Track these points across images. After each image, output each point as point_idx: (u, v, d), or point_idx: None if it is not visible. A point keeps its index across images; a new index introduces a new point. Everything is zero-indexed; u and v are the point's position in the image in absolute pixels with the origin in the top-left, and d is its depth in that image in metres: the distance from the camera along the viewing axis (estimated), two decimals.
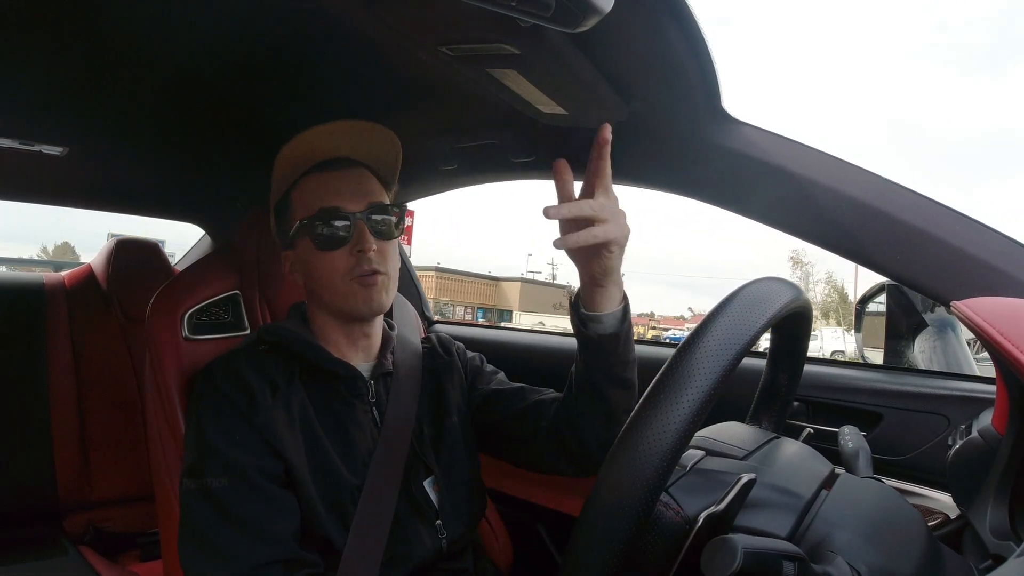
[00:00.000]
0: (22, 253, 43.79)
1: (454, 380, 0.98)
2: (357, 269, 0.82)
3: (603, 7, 0.56)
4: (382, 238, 0.85)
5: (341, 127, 0.86)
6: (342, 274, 0.83)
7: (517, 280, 38.35)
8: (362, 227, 0.83)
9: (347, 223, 0.83)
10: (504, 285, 37.88)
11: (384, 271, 0.84)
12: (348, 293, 0.84)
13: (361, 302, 0.84)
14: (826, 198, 0.82)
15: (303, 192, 0.87)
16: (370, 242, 0.82)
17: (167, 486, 0.91)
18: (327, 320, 0.88)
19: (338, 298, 0.85)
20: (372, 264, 0.82)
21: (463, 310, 32.04)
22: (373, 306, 0.84)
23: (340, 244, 0.83)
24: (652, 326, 40.90)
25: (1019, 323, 0.55)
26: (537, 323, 26.89)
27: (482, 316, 33.98)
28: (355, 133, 0.87)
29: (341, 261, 0.83)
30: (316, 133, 0.85)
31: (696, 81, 0.83)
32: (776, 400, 0.81)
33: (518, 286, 37.61)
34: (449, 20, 0.71)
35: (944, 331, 1.41)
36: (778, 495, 0.58)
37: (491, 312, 35.20)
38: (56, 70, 1.00)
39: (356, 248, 0.82)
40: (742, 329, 0.50)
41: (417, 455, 0.88)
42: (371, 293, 0.83)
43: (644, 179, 1.05)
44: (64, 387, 1.59)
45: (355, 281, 0.83)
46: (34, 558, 1.42)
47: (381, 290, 0.84)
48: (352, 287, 0.83)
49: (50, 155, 1.36)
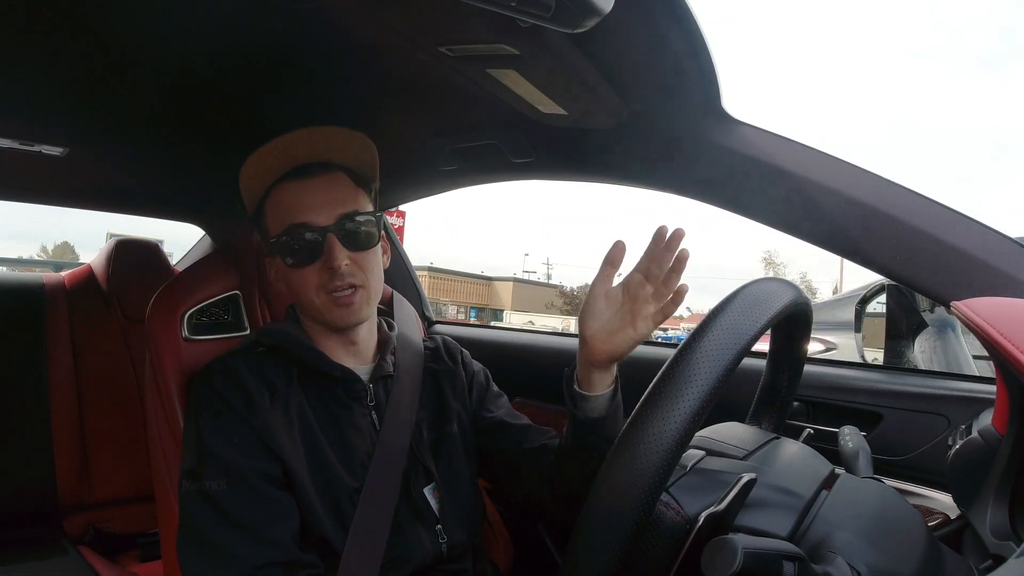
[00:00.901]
0: (22, 252, 43.79)
1: (456, 388, 0.98)
2: (330, 284, 0.81)
3: (603, 7, 0.56)
4: (357, 248, 0.83)
5: (303, 135, 0.83)
6: (314, 289, 0.82)
7: (510, 280, 38.46)
8: (332, 241, 0.80)
9: (317, 238, 0.81)
10: (497, 285, 37.99)
11: (361, 283, 0.83)
12: (323, 307, 0.83)
13: (337, 317, 0.83)
14: (826, 198, 0.82)
15: (273, 204, 0.85)
16: (340, 257, 0.80)
17: (167, 487, 0.91)
18: (314, 326, 0.88)
19: (315, 311, 0.84)
20: (345, 279, 0.81)
21: (455, 309, 32.12)
22: (350, 320, 0.84)
23: (311, 260, 0.81)
24: None
25: (1019, 323, 0.55)
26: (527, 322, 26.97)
27: (475, 315, 34.03)
28: (318, 137, 0.85)
29: (313, 277, 0.82)
30: (279, 144, 0.83)
31: (696, 81, 0.83)
32: (776, 400, 0.81)
33: (511, 286, 37.72)
34: (449, 20, 0.71)
35: (944, 331, 1.41)
36: (778, 495, 0.58)
37: (484, 311, 35.27)
38: (56, 70, 1.00)
39: (327, 265, 0.81)
40: (742, 330, 0.50)
41: (417, 459, 0.88)
42: (347, 311, 0.83)
43: (644, 179, 1.05)
44: (64, 387, 1.58)
45: (329, 297, 0.82)
46: (34, 558, 1.41)
47: (360, 306, 0.83)
48: (326, 302, 0.82)
49: (50, 155, 1.36)
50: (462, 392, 0.98)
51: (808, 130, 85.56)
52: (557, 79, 0.84)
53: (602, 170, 1.10)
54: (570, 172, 1.17)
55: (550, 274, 45.19)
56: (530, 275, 44.29)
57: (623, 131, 0.99)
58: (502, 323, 25.74)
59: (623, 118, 0.95)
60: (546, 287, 40.48)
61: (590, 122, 0.99)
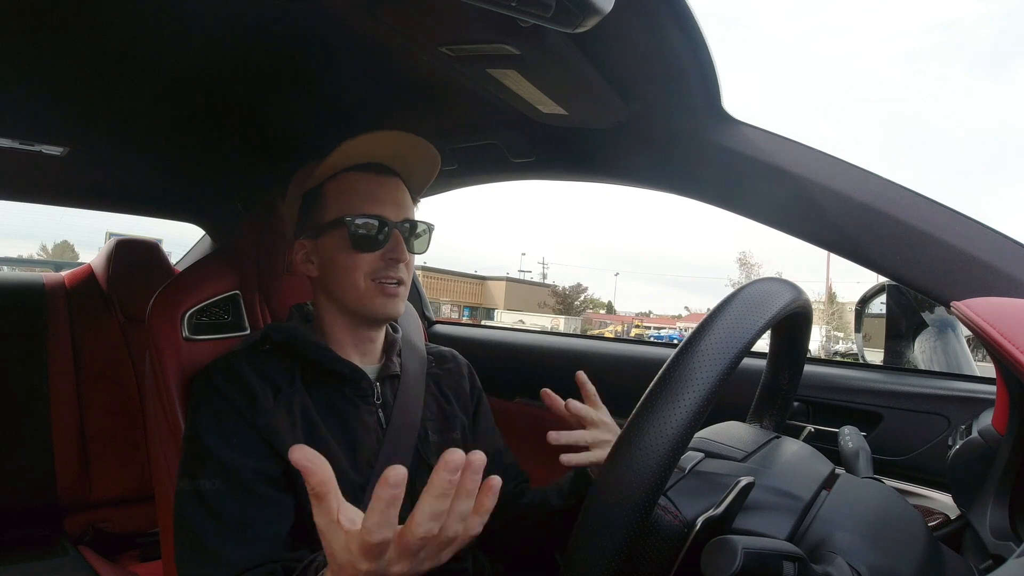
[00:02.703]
0: (22, 251, 43.80)
1: (460, 399, 1.00)
2: (382, 273, 0.85)
3: (603, 7, 0.56)
4: (411, 251, 0.88)
5: (391, 136, 0.87)
6: (366, 273, 0.85)
7: (503, 279, 38.53)
8: (398, 237, 0.85)
9: (387, 230, 0.85)
10: (490, 284, 38.07)
11: (405, 281, 0.88)
12: (368, 294, 0.85)
13: (379, 306, 0.85)
14: (826, 198, 0.82)
15: (343, 187, 0.87)
16: (404, 253, 0.85)
17: (167, 486, 0.91)
18: (336, 319, 0.89)
19: (356, 297, 0.85)
20: (399, 273, 0.85)
21: (449, 308, 32.20)
22: (389, 311, 0.86)
23: (375, 248, 0.85)
24: (636, 324, 40.63)
25: (1019, 323, 0.55)
26: (517, 321, 27.03)
27: (468, 314, 34.10)
28: (406, 144, 0.88)
29: (369, 262, 0.85)
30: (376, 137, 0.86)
31: (696, 81, 0.83)
32: (776, 400, 0.81)
33: (504, 285, 37.79)
34: (449, 20, 0.71)
35: (944, 331, 1.40)
36: (777, 497, 0.58)
37: (477, 311, 35.32)
38: (56, 70, 1.00)
39: (389, 255, 0.85)
40: (742, 330, 0.50)
41: (423, 459, 0.88)
42: (391, 300, 0.86)
43: (644, 179, 1.05)
44: (64, 387, 1.59)
45: (377, 284, 0.85)
46: (34, 558, 1.42)
47: (400, 300, 0.87)
48: (372, 289, 0.85)
49: (50, 155, 1.36)
50: (466, 405, 1.00)
51: (808, 130, 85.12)
52: (557, 79, 0.84)
53: (602, 170, 1.10)
54: (570, 172, 1.17)
55: (545, 273, 45.33)
56: (525, 274, 44.45)
57: (623, 131, 0.99)
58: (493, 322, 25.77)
59: (623, 118, 0.95)
60: (539, 286, 40.59)
61: (590, 122, 0.99)
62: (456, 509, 0.47)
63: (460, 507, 0.47)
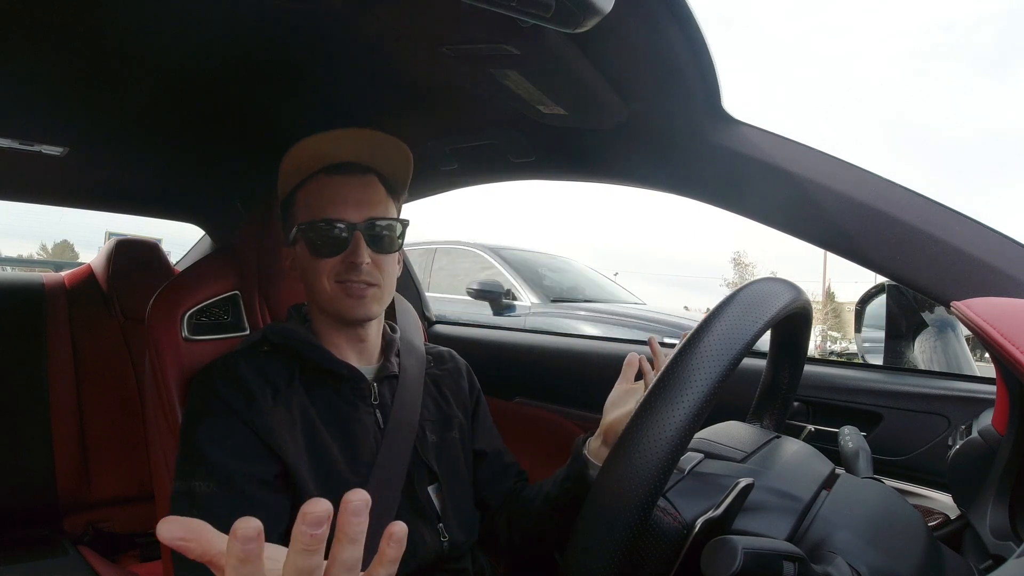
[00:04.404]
0: (22, 251, 43.78)
1: (459, 400, 1.00)
2: (344, 275, 0.83)
3: (603, 7, 0.56)
4: (380, 251, 0.85)
5: (351, 134, 0.86)
6: (328, 275, 0.84)
7: None
8: (359, 239, 0.83)
9: (345, 234, 0.83)
10: None
11: (377, 283, 0.85)
12: (335, 297, 0.84)
13: (347, 308, 0.84)
14: (826, 198, 0.82)
15: (308, 193, 0.87)
16: (363, 256, 0.83)
17: (167, 486, 0.91)
18: (324, 320, 0.89)
19: (325, 300, 0.85)
20: (363, 276, 0.83)
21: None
22: (359, 314, 0.85)
23: (335, 252, 0.83)
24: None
25: (1019, 323, 0.55)
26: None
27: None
28: (365, 140, 0.87)
29: (332, 266, 0.84)
30: (326, 138, 0.85)
31: (696, 81, 0.83)
32: (776, 400, 0.81)
33: None
34: (449, 21, 0.71)
35: (944, 331, 1.40)
36: (777, 498, 0.58)
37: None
38: (56, 70, 1.00)
39: (349, 259, 0.83)
40: (742, 330, 0.50)
41: (421, 459, 0.88)
42: (359, 303, 0.84)
43: (644, 179, 1.05)
44: (64, 387, 1.59)
45: (342, 287, 0.83)
46: (34, 558, 1.41)
47: (371, 301, 0.85)
48: (338, 291, 0.84)
49: (50, 155, 1.36)
50: (464, 405, 1.00)
51: (808, 130, 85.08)
52: (557, 79, 0.84)
53: (602, 170, 1.10)
54: (570, 172, 1.17)
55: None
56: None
57: (623, 131, 0.99)
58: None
59: (623, 118, 0.95)
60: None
61: (590, 122, 0.99)
62: (340, 558, 0.39)
63: (344, 556, 0.39)
